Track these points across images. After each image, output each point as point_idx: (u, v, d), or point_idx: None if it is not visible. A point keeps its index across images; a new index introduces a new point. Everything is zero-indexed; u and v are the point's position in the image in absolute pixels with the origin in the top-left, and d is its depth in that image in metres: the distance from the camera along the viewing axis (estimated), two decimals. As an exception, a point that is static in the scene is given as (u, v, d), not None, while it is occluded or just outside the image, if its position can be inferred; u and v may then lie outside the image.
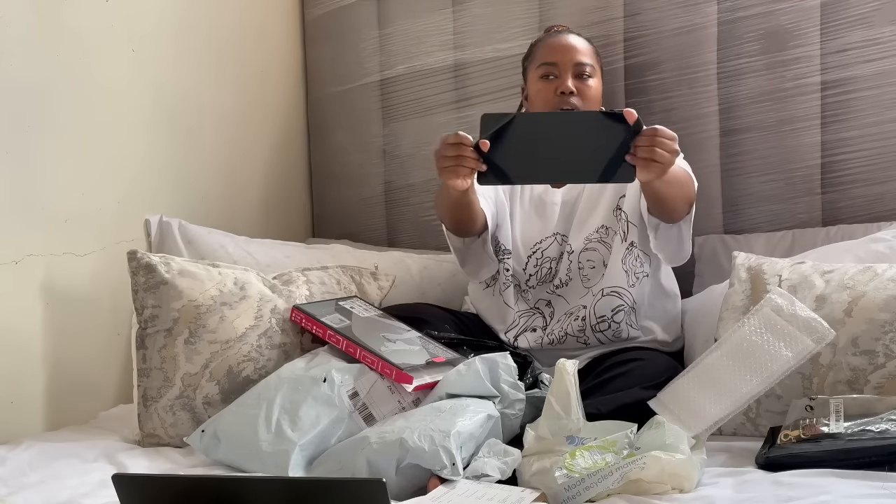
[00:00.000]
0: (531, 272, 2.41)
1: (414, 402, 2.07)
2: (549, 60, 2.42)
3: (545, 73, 2.41)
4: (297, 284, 2.39)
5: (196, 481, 1.64)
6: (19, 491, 1.88)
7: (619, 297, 2.37)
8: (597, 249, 2.38)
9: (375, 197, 3.15)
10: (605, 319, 2.37)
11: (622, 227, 2.37)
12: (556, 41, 2.46)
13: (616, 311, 2.37)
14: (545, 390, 2.03)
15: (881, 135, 2.62)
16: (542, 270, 2.41)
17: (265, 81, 3.09)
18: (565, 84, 2.38)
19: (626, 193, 2.37)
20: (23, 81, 2.33)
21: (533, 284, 2.41)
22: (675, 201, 2.21)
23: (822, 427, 1.89)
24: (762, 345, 1.95)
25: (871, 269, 2.15)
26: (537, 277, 2.41)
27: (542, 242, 2.42)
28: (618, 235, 2.37)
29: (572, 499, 1.73)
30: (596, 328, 2.37)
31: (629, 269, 2.38)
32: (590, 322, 2.37)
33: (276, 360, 2.25)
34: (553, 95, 2.39)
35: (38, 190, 2.37)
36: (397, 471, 1.82)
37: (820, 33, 2.65)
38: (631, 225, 2.37)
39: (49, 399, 2.40)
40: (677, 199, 2.22)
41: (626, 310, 2.38)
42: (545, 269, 2.41)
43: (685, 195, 2.24)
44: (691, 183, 2.26)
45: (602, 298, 2.37)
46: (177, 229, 2.65)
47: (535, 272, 2.41)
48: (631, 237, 2.37)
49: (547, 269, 2.40)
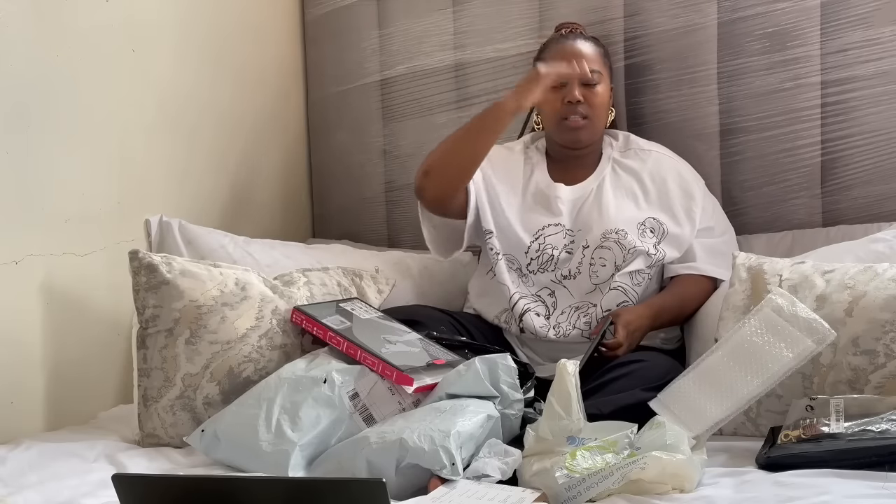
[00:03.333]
0: (533, 256, 2.43)
1: (414, 403, 2.07)
2: None
3: (553, 83, 2.44)
4: (297, 285, 2.39)
5: (196, 481, 1.64)
6: (19, 491, 1.88)
7: (624, 294, 2.40)
8: (612, 249, 2.41)
9: (376, 197, 3.14)
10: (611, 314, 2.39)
11: (648, 246, 2.42)
12: (564, 48, 2.50)
13: (621, 306, 2.39)
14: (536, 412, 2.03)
15: (881, 135, 2.62)
16: (544, 256, 2.42)
17: (265, 81, 3.09)
18: (573, 94, 2.46)
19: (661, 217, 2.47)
20: (23, 81, 2.33)
21: (534, 269, 2.43)
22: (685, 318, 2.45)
23: (822, 427, 1.88)
24: (763, 345, 1.95)
25: (871, 268, 2.15)
26: (538, 262, 2.43)
27: (546, 229, 2.44)
28: (641, 253, 2.41)
29: (573, 499, 1.73)
30: None
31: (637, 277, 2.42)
32: (597, 317, 2.39)
33: (276, 361, 2.24)
34: (561, 105, 2.47)
35: (38, 190, 2.37)
36: (397, 471, 1.82)
37: (820, 33, 2.64)
38: (660, 247, 2.44)
39: (49, 399, 2.40)
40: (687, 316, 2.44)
41: (629, 305, 2.40)
42: (546, 256, 2.42)
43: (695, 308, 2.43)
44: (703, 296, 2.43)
45: (609, 292, 2.40)
46: (177, 229, 2.64)
47: (536, 256, 2.43)
48: (653, 266, 2.44)
49: (549, 255, 2.42)
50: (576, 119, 2.47)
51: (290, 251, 2.75)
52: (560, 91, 2.46)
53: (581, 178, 2.52)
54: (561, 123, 2.49)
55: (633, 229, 2.42)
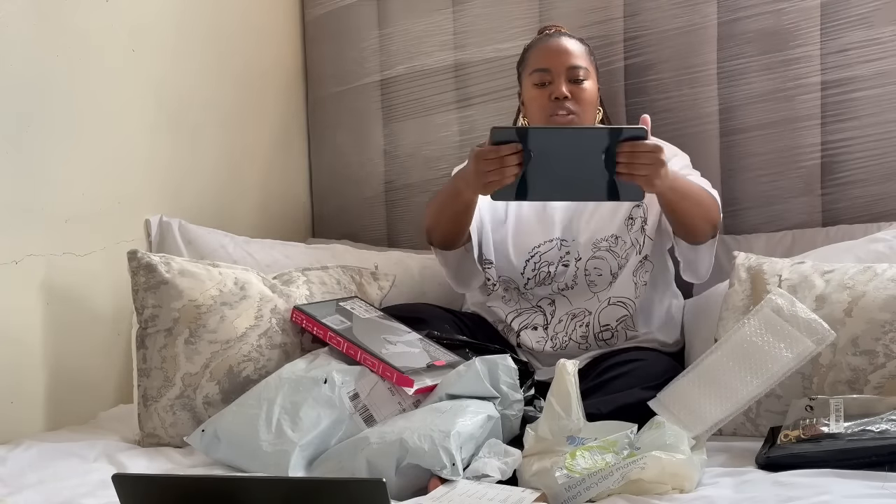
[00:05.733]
0: (529, 276, 2.41)
1: (414, 403, 2.07)
2: (542, 66, 2.41)
3: (539, 80, 2.41)
4: (297, 284, 2.39)
5: (196, 481, 1.64)
6: (19, 491, 1.88)
7: (624, 308, 2.38)
8: (605, 258, 2.38)
9: (376, 197, 3.14)
10: (609, 329, 2.37)
11: (636, 238, 2.37)
12: (547, 46, 2.45)
13: (620, 321, 2.38)
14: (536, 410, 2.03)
15: (881, 135, 2.62)
16: (541, 274, 2.40)
17: (265, 81, 3.09)
18: (559, 90, 2.38)
19: (647, 204, 2.36)
20: (23, 81, 2.33)
21: (531, 287, 2.41)
22: (693, 219, 2.24)
23: (822, 427, 1.89)
24: (762, 346, 1.95)
25: (871, 268, 2.15)
26: (535, 280, 2.41)
27: (541, 247, 2.41)
28: (633, 248, 2.37)
29: (573, 499, 1.73)
30: (599, 336, 2.37)
31: (638, 281, 2.39)
32: (593, 329, 2.37)
33: (276, 360, 2.25)
34: (548, 101, 2.39)
35: (38, 190, 2.37)
36: (397, 471, 1.82)
37: (820, 33, 2.64)
38: (647, 238, 2.38)
39: (49, 399, 2.40)
40: (696, 217, 2.24)
41: (630, 319, 2.38)
42: (543, 273, 2.40)
43: (704, 214, 2.25)
44: (713, 203, 2.28)
45: (608, 307, 2.37)
46: (177, 229, 2.65)
47: (533, 276, 2.41)
48: (646, 251, 2.38)
49: (546, 272, 2.40)
50: (563, 115, 2.37)
51: (290, 251, 2.75)
52: (546, 89, 2.39)
53: None
54: (548, 120, 2.39)
55: (623, 229, 2.38)
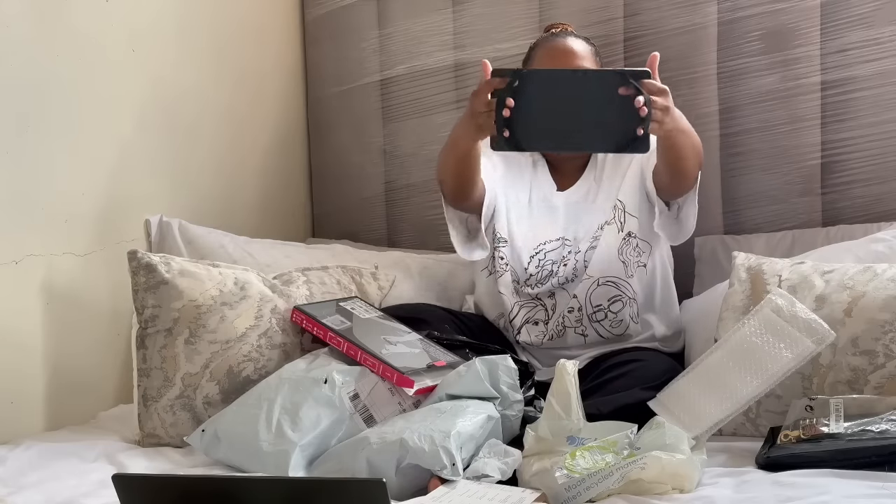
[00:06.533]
0: (532, 272, 2.41)
1: (414, 404, 2.07)
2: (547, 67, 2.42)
3: None
4: (297, 284, 2.39)
5: (196, 481, 1.64)
6: (19, 491, 1.88)
7: (615, 287, 2.37)
8: (598, 247, 2.38)
9: (375, 197, 3.15)
10: (602, 309, 2.37)
11: (619, 217, 2.38)
12: (553, 46, 2.45)
13: (613, 301, 2.37)
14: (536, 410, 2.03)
15: (881, 135, 2.62)
16: (543, 272, 2.41)
17: (265, 81, 3.09)
18: None
19: (623, 185, 2.37)
20: (23, 81, 2.33)
21: (532, 284, 2.41)
22: (687, 161, 2.20)
23: (822, 427, 1.89)
24: (762, 346, 1.95)
25: (870, 269, 2.15)
26: (537, 278, 2.41)
27: (546, 244, 2.42)
28: (613, 226, 2.37)
29: (573, 499, 1.73)
30: (593, 318, 2.37)
31: (627, 260, 2.38)
32: (586, 311, 2.37)
33: (276, 360, 2.25)
34: None
35: (38, 190, 2.37)
36: (397, 471, 1.82)
37: (820, 33, 2.65)
38: (629, 215, 2.38)
39: (49, 399, 2.40)
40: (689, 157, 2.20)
41: (626, 300, 2.38)
42: (546, 271, 2.41)
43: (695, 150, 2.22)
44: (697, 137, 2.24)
45: (597, 288, 2.37)
46: (177, 229, 2.65)
47: (535, 272, 2.41)
48: (628, 227, 2.38)
49: (548, 271, 2.41)
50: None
51: (290, 251, 2.75)
52: None
53: (572, 181, 2.44)
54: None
55: (610, 213, 2.38)
